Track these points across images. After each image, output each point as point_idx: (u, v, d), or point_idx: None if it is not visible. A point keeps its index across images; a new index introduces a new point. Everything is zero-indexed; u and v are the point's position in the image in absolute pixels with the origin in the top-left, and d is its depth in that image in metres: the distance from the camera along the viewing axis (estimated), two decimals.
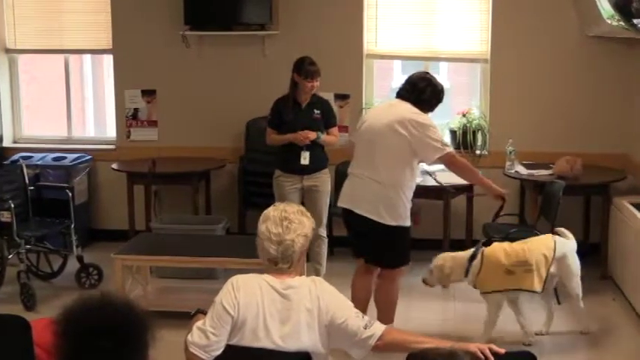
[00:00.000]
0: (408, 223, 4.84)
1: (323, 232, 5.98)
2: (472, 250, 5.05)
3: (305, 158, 5.79)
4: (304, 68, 5.76)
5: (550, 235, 5.17)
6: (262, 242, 3.05)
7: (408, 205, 4.82)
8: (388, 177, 4.69)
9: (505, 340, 4.95)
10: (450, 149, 4.87)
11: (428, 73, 5.10)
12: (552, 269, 4.97)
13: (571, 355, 4.97)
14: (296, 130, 5.79)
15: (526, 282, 4.95)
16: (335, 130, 5.99)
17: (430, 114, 4.90)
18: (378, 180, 4.70)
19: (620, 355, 5.02)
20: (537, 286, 4.95)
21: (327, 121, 5.92)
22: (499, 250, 4.99)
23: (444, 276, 5.06)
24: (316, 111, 5.89)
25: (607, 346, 5.12)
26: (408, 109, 4.75)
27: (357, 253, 5.03)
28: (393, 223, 4.73)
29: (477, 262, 4.98)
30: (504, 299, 5.06)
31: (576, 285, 5.11)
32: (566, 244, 5.09)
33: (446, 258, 5.08)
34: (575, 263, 5.08)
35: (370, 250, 4.92)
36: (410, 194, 4.82)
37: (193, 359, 2.90)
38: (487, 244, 5.12)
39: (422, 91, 4.82)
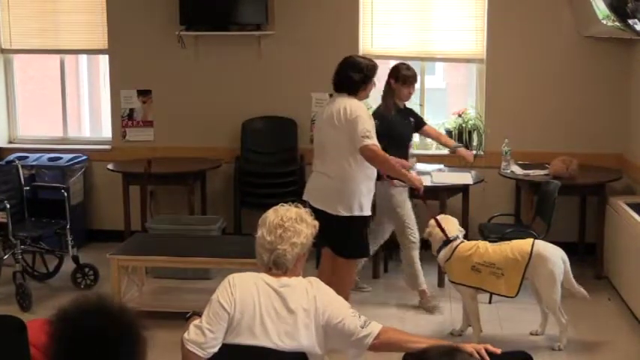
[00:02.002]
0: (364, 212, 4.92)
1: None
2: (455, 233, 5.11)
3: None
4: (401, 74, 5.68)
5: (532, 239, 5.03)
6: (257, 247, 3.08)
7: (361, 196, 4.90)
8: (335, 170, 4.87)
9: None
10: (368, 142, 4.77)
11: (351, 56, 5.12)
12: (527, 274, 4.89)
13: (566, 355, 4.97)
14: (402, 136, 5.81)
15: (491, 284, 4.94)
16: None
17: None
18: (328, 173, 4.90)
19: (615, 356, 5.02)
20: (505, 291, 4.91)
21: (420, 122, 6.05)
22: (476, 246, 5.00)
23: (430, 240, 5.20)
24: (411, 119, 5.93)
25: (602, 346, 5.12)
26: (342, 102, 4.88)
27: (320, 243, 5.08)
28: (345, 214, 4.84)
29: (448, 249, 5.03)
30: (476, 292, 5.05)
31: (549, 297, 4.94)
32: (548, 251, 4.93)
33: (436, 228, 5.14)
34: (551, 274, 4.88)
35: (329, 241, 4.98)
36: (363, 185, 4.90)
37: (190, 357, 2.89)
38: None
39: (349, 78, 4.91)
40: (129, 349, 2.08)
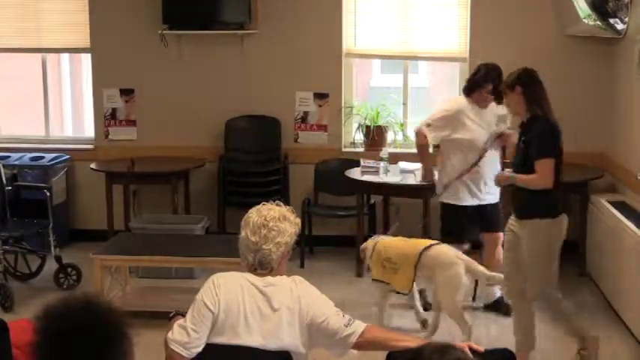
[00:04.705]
0: (451, 200, 5.43)
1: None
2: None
3: None
4: None
5: (431, 241, 5.12)
6: (241, 248, 3.06)
7: (452, 183, 5.39)
8: (442, 163, 5.57)
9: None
10: (422, 124, 5.47)
11: (483, 63, 5.50)
12: (421, 273, 4.96)
13: (547, 352, 4.99)
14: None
15: (394, 280, 5.06)
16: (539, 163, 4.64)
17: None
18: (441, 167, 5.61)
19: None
20: (399, 286, 5.04)
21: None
22: (389, 242, 5.18)
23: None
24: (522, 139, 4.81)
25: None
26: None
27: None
28: (443, 200, 5.51)
29: (370, 249, 5.20)
30: (389, 289, 5.15)
31: (449, 304, 4.89)
32: (446, 256, 4.91)
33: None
34: (449, 279, 4.84)
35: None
36: (453, 173, 5.40)
37: (174, 357, 2.89)
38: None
39: (466, 82, 5.60)
40: (116, 347, 2.07)
